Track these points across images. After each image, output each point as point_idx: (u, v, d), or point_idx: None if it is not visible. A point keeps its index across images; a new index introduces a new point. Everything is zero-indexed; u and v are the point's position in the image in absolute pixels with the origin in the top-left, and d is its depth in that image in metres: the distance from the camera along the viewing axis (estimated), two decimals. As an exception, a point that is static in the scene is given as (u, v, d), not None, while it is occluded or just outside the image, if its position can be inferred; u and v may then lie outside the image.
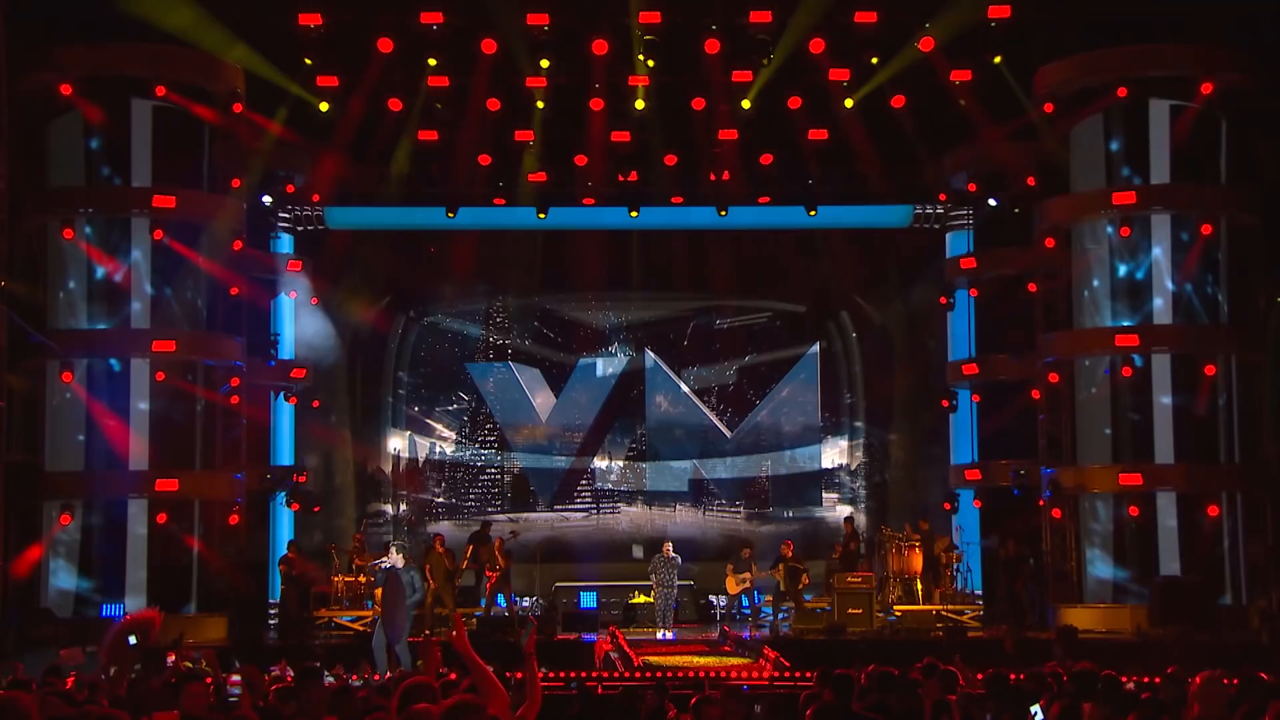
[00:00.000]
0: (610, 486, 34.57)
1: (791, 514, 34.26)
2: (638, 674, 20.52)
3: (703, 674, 19.52)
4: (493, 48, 27.32)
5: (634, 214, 31.07)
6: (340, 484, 33.21)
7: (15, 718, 6.46)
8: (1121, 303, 27.19)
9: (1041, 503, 28.26)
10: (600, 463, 34.69)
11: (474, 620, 26.97)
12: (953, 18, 26.86)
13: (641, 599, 29.46)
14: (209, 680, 12.11)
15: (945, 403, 31.48)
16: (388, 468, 34.06)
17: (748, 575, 28.43)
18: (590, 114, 29.20)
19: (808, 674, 17.65)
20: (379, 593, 24.99)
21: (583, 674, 19.82)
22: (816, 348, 34.58)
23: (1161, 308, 26.92)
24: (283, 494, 29.91)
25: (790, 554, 27.99)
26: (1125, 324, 26.93)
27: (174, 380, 26.29)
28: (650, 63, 27.86)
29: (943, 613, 26.81)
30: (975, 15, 26.73)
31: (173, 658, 17.00)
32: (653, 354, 34.77)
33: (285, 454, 31.21)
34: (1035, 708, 9.99)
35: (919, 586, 27.30)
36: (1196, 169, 27.06)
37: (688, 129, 29.85)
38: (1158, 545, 26.47)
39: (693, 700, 9.18)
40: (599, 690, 16.87)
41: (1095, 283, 27.48)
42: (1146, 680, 15.95)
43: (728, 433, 34.57)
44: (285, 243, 31.40)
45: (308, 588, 27.43)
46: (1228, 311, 27.06)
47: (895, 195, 31.73)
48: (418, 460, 34.42)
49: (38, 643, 22.81)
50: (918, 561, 27.29)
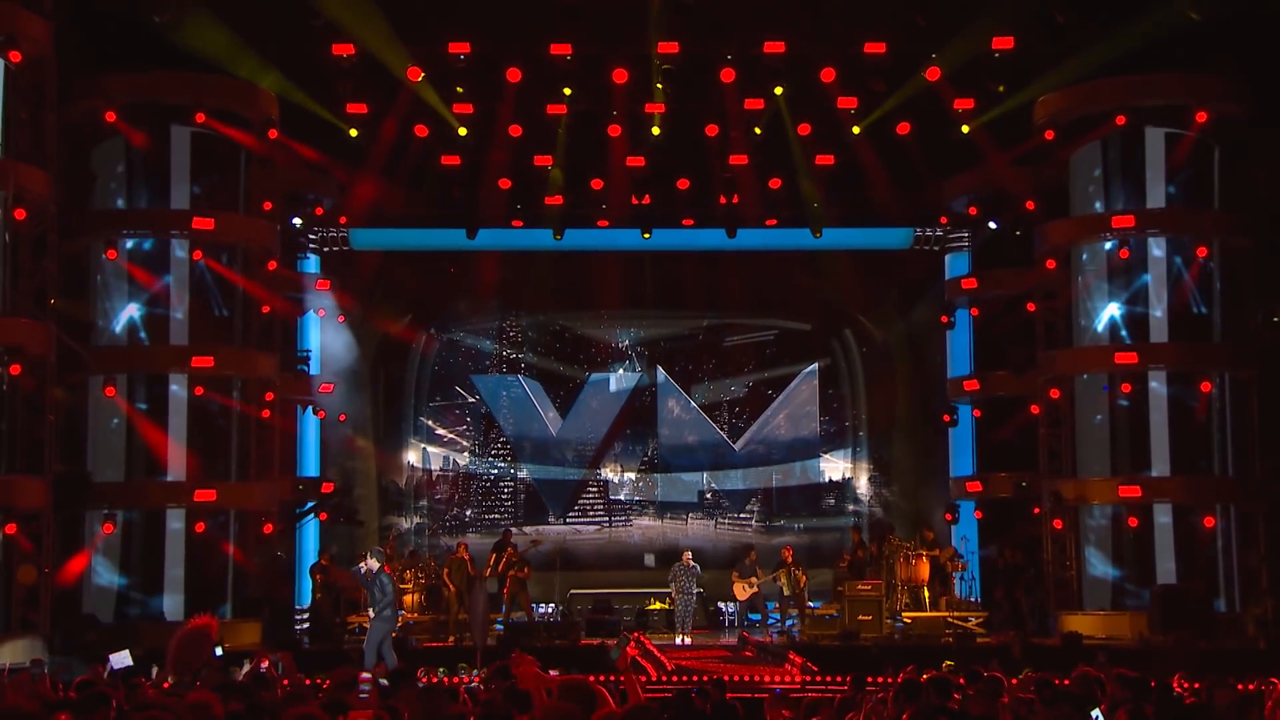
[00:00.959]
0: (623, 498, 34.60)
1: (798, 524, 34.32)
2: (684, 678, 20.52)
3: (738, 678, 19.51)
4: (517, 76, 27.39)
5: (646, 235, 31.18)
6: (362, 494, 33.22)
7: (208, 716, 6.51)
8: (1120, 322, 27.25)
9: (1037, 511, 28.34)
10: (612, 475, 34.72)
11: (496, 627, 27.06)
12: (958, 48, 26.99)
13: (656, 605, 29.47)
14: (285, 682, 12.11)
15: (946, 418, 31.45)
16: (407, 479, 34.08)
17: (753, 580, 28.52)
18: (608, 140, 29.34)
19: (837, 678, 17.71)
20: (362, 594, 24.94)
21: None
22: (821, 364, 34.71)
23: (1158, 327, 26.98)
24: (311, 503, 29.84)
25: (790, 559, 28.14)
26: (1124, 342, 26.98)
27: (212, 394, 26.28)
28: (668, 91, 27.93)
29: (949, 619, 26.76)
30: (980, 46, 26.84)
31: (264, 661, 16.97)
32: (663, 370, 34.85)
33: (311, 465, 31.20)
34: (1096, 712, 9.95)
35: (926, 594, 27.29)
36: (1191, 194, 27.14)
37: (700, 154, 30.04)
38: (1154, 554, 26.51)
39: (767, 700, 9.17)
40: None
41: (1094, 302, 27.53)
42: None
43: (736, 446, 34.63)
44: (312, 263, 31.42)
45: (339, 594, 27.45)
46: (1221, 330, 27.11)
47: (898, 218, 31.79)
48: (434, 472, 34.47)
49: (82, 646, 22.73)
50: (925, 570, 27.28)
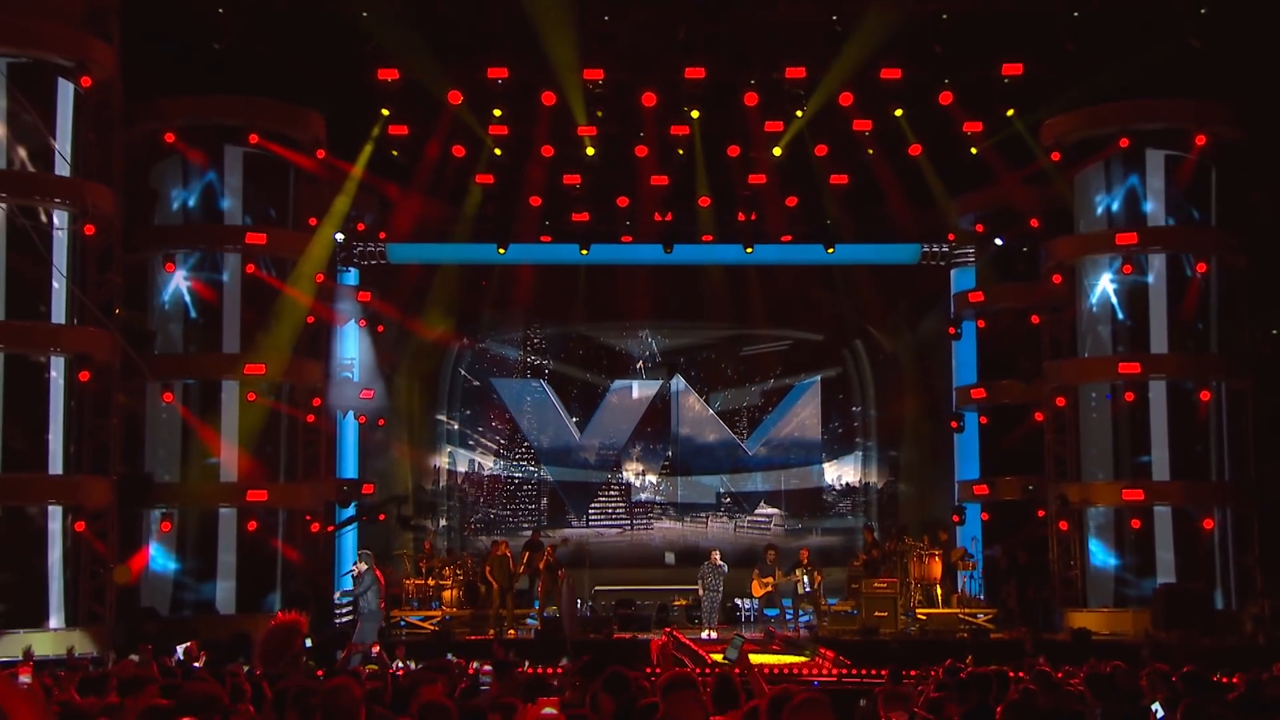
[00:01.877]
0: (644, 498, 34.84)
1: (811, 525, 34.57)
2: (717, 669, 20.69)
3: (779, 670, 19.70)
4: (552, 100, 27.65)
5: (668, 250, 31.45)
6: (397, 496, 33.45)
7: (348, 700, 6.76)
8: (1122, 333, 27.53)
9: (1041, 514, 28.58)
10: (634, 478, 34.98)
11: (528, 621, 27.41)
12: (969, 74, 27.28)
13: (681, 601, 29.74)
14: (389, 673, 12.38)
15: (954, 424, 31.77)
16: (441, 482, 34.33)
17: (770, 580, 28.78)
18: (635, 160, 29.63)
19: (871, 671, 17.92)
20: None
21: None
22: (833, 373, 35.00)
23: (1159, 338, 27.20)
24: (354, 504, 30.14)
25: (806, 560, 28.48)
26: (1126, 353, 27.26)
27: (263, 400, 26.57)
28: (695, 114, 28.22)
29: (961, 616, 27.00)
30: (990, 71, 27.13)
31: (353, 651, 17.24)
32: (683, 377, 35.11)
33: (350, 468, 31.46)
34: (1155, 705, 10.12)
35: (939, 591, 27.53)
36: (1190, 213, 27.40)
37: (722, 173, 30.29)
38: (1155, 554, 26.77)
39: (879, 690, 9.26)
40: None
41: (1098, 315, 27.80)
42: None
43: (752, 451, 34.90)
44: (352, 275, 31.68)
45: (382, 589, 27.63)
46: (1218, 342, 27.30)
47: (907, 235, 32.02)
48: (461, 475, 34.69)
49: (143, 638, 22.96)
50: (937, 568, 27.52)
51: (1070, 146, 27.75)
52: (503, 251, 31.26)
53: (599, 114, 28.09)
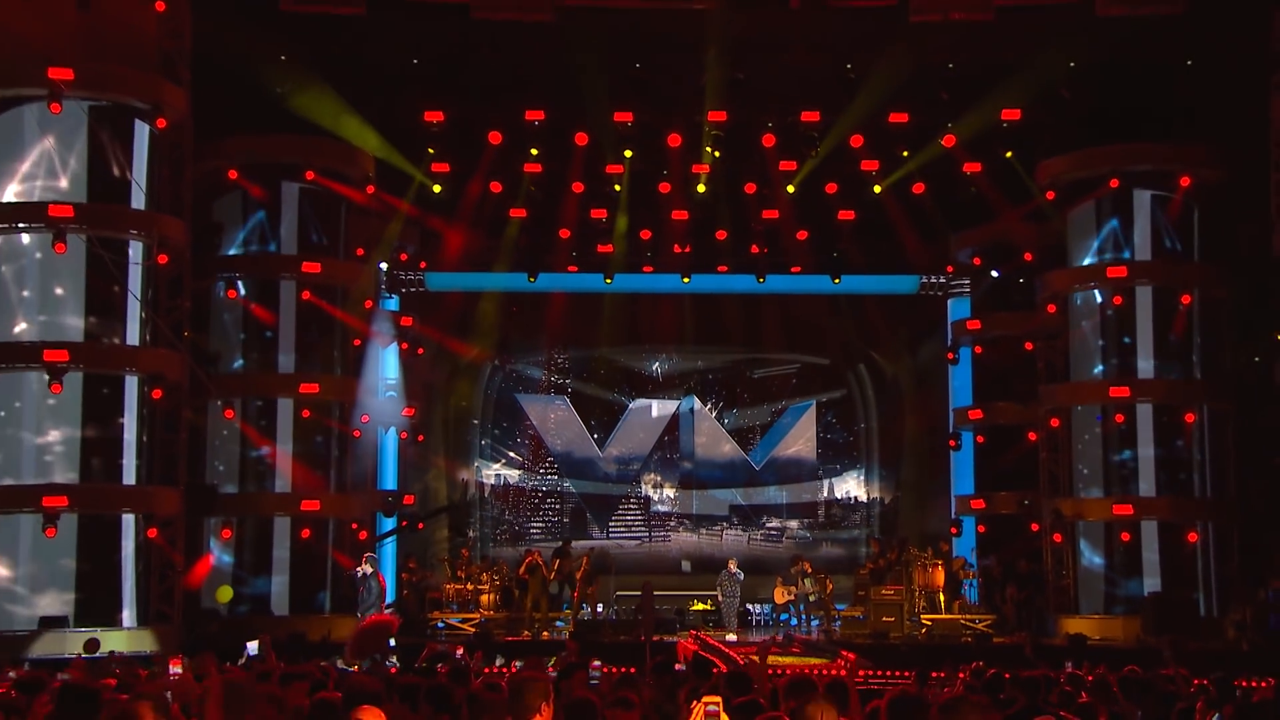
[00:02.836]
0: (662, 510, 35.21)
1: (820, 537, 34.95)
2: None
3: (806, 670, 19.96)
4: (584, 140, 28.10)
5: (686, 280, 31.87)
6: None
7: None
8: (1112, 360, 27.93)
9: (1035, 528, 28.92)
10: (652, 492, 35.35)
11: (557, 624, 27.78)
12: (972, 119, 27.71)
13: (699, 606, 30.09)
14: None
15: (952, 442, 32.09)
16: (467, 493, 34.67)
17: (793, 588, 29.21)
18: (658, 195, 30.07)
19: (894, 672, 18.22)
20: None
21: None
22: (838, 395, 35.44)
23: (1146, 364, 27.58)
24: (395, 514, 30.52)
25: (809, 569, 29.00)
26: (1116, 377, 27.63)
27: (316, 416, 26.95)
28: (716, 154, 28.67)
29: (963, 622, 27.33)
30: (991, 117, 27.52)
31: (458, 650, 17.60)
32: (698, 398, 35.52)
33: (390, 479, 31.79)
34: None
35: (941, 598, 27.86)
36: (1175, 249, 27.76)
37: (739, 208, 30.71)
38: (1143, 564, 27.12)
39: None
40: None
41: (1090, 342, 28.22)
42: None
43: (761, 466, 35.28)
44: (393, 301, 32.08)
45: (424, 593, 28.09)
46: (1201, 368, 27.64)
47: (908, 267, 32.46)
48: (489, 487, 35.05)
49: (205, 638, 23.31)
50: (940, 577, 27.82)
51: (1064, 186, 28.07)
52: (533, 280, 31.68)
53: (627, 153, 28.52)
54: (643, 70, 26.83)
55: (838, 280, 32.03)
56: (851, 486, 35.41)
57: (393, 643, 17.29)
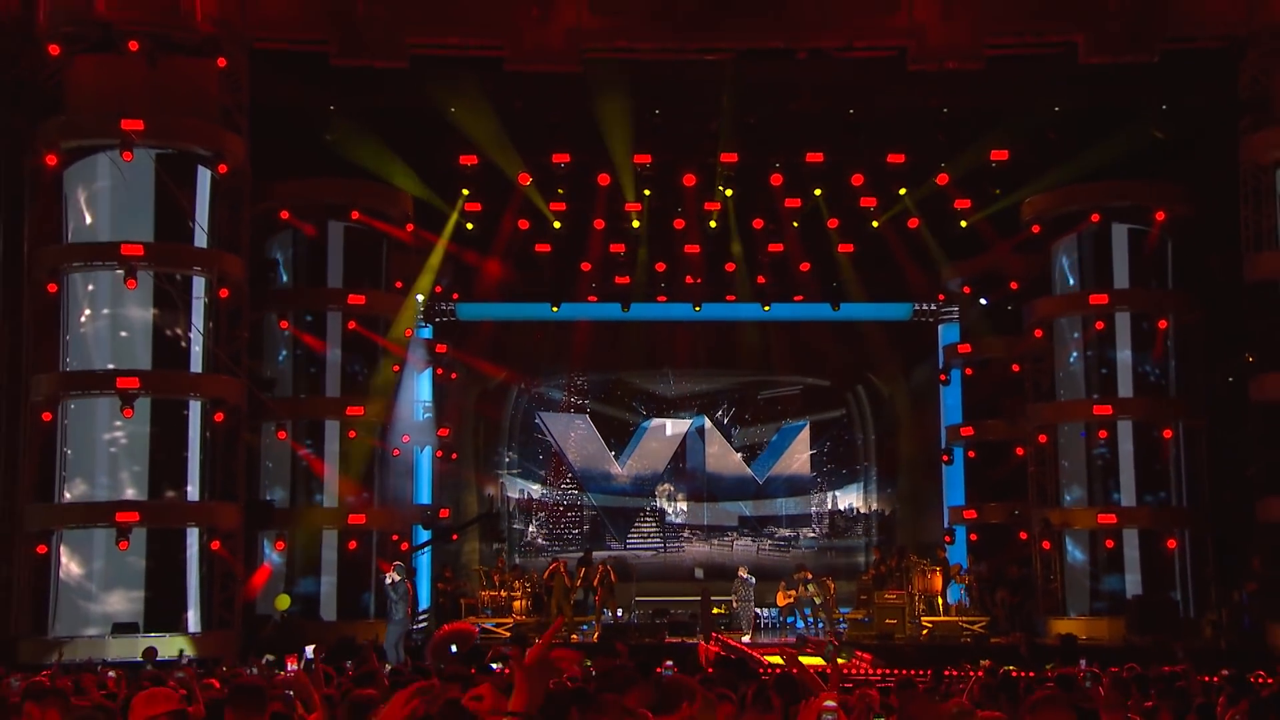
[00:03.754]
0: (676, 522, 35.54)
1: (826, 545, 35.29)
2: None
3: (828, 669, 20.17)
4: (606, 180, 28.53)
5: (697, 308, 32.30)
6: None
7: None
8: (1094, 380, 28.29)
9: (1024, 536, 29.24)
10: (666, 504, 35.69)
11: (582, 628, 28.11)
12: (964, 159, 28.14)
13: (715, 610, 30.35)
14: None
15: (945, 457, 32.46)
16: (499, 506, 34.98)
17: (794, 592, 29.54)
18: (673, 231, 30.50)
19: (910, 671, 18.48)
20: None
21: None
22: (839, 414, 35.82)
23: (1126, 384, 27.91)
24: (428, 536, 30.86)
25: (811, 576, 29.45)
26: (1099, 397, 27.96)
27: (360, 436, 27.31)
28: (728, 192, 29.11)
29: (962, 624, 27.61)
30: (981, 157, 27.94)
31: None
32: (708, 417, 35.89)
33: (425, 494, 32.11)
34: None
35: (940, 602, 28.17)
36: (1151, 278, 28.17)
37: (748, 242, 31.11)
38: (1125, 569, 27.45)
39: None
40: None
41: (1074, 364, 28.61)
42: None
43: (766, 480, 35.64)
44: (427, 330, 32.44)
45: (460, 599, 28.39)
46: (1176, 387, 28.03)
47: (902, 296, 32.94)
48: (518, 500, 35.36)
49: (262, 643, 23.65)
50: (938, 582, 28.12)
51: (1049, 221, 28.48)
52: (556, 310, 32.11)
53: (646, 192, 28.96)
54: (661, 116, 27.15)
55: (837, 308, 32.47)
56: (853, 499, 35.76)
57: (454, 649, 17.56)
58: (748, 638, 27.59)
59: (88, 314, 23.19)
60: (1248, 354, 25.77)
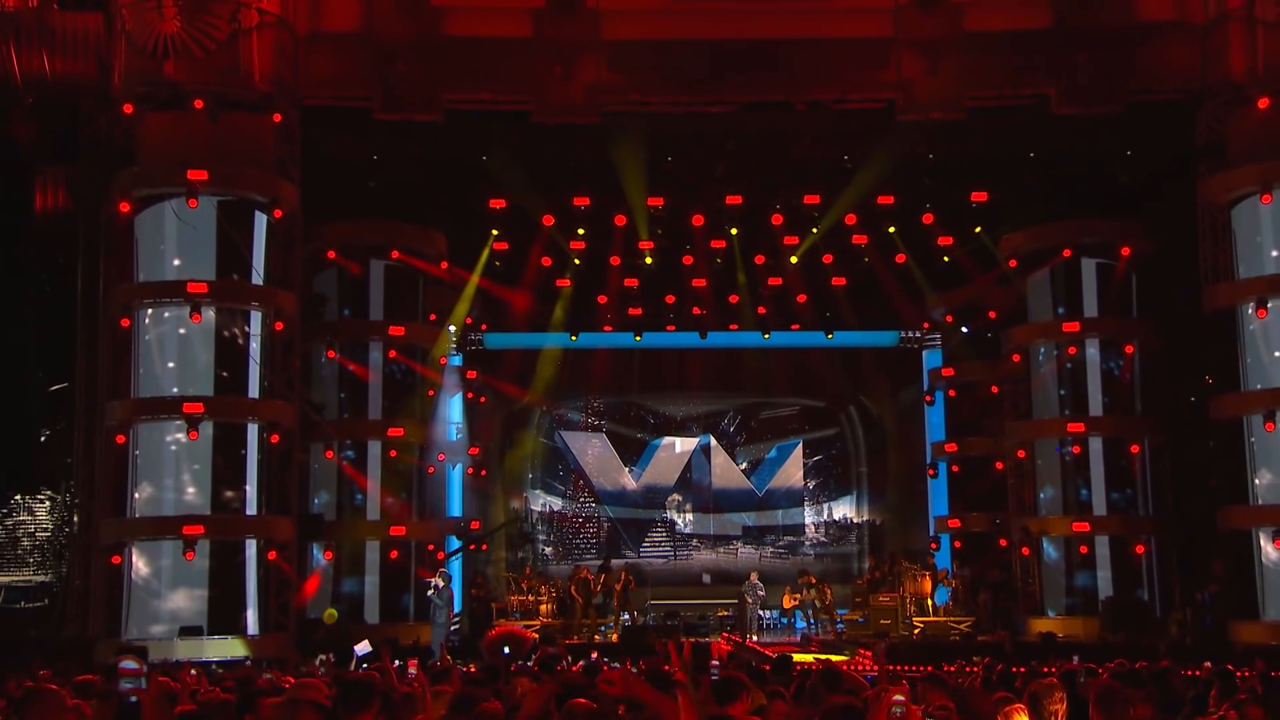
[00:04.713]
0: (685, 532, 35.96)
1: (822, 553, 35.71)
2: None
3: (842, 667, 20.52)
4: (622, 221, 29.01)
5: (703, 336, 32.76)
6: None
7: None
8: (1068, 400, 28.72)
9: (1004, 543, 29.64)
10: (676, 516, 36.13)
11: (601, 631, 28.53)
12: (947, 200, 28.67)
13: (722, 613, 30.76)
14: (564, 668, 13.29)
15: (930, 472, 32.91)
16: (518, 518, 35.38)
17: (799, 595, 29.95)
18: (682, 266, 30.98)
19: (910, 667, 18.86)
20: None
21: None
22: (832, 432, 36.29)
23: (1096, 404, 28.36)
24: (460, 544, 31.25)
25: (814, 580, 29.75)
26: (1072, 415, 28.38)
27: (400, 455, 27.77)
28: (733, 231, 29.63)
29: (950, 624, 27.99)
30: (963, 199, 28.49)
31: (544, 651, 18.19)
32: (713, 436, 36.36)
33: (456, 508, 32.48)
34: None
35: (930, 604, 28.57)
36: (1118, 308, 28.52)
37: (751, 276, 31.52)
38: (1097, 572, 27.85)
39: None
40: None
41: (1049, 386, 29.03)
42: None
43: (766, 493, 36.07)
44: (457, 358, 32.88)
45: (490, 604, 28.78)
46: (1141, 407, 28.46)
47: (890, 324, 33.43)
48: (540, 512, 35.79)
49: (314, 644, 24.00)
50: (927, 585, 28.56)
51: (1024, 256, 28.87)
52: (574, 339, 32.60)
53: (659, 231, 29.48)
54: (672, 163, 27.62)
55: (831, 335, 32.99)
56: (846, 509, 36.22)
57: (506, 650, 17.91)
58: (754, 637, 27.97)
59: (157, 346, 23.68)
60: (1207, 376, 26.20)
